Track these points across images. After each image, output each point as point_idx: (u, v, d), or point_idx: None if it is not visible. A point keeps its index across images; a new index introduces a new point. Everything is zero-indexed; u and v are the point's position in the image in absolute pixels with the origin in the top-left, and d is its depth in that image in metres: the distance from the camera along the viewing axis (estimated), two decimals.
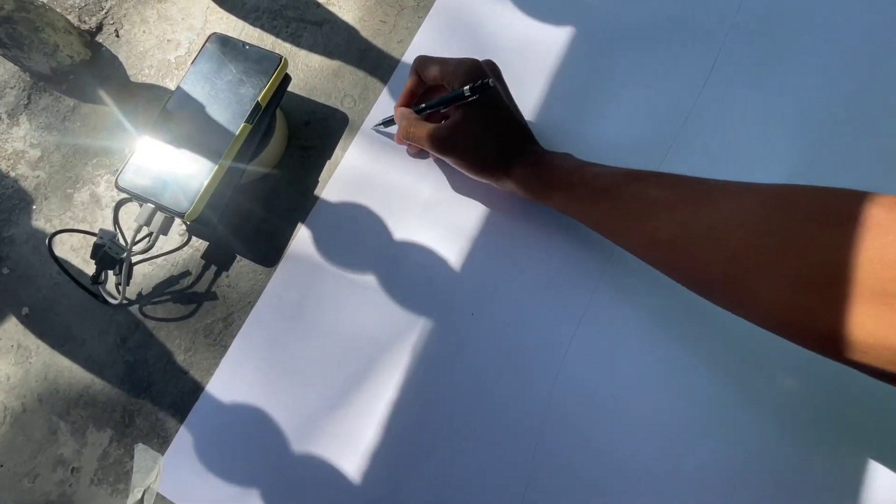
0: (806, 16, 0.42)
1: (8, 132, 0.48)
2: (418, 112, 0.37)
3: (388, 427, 0.37)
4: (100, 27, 0.50)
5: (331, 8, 0.49)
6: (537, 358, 0.37)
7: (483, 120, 0.33)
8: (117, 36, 0.50)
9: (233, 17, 0.50)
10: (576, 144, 0.38)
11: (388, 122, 0.42)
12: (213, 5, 0.50)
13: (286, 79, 0.42)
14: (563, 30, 0.45)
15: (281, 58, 0.41)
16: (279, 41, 0.48)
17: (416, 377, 0.38)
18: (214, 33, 0.42)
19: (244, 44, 0.42)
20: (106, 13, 0.51)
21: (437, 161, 0.42)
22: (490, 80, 0.31)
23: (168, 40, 0.49)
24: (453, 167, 0.37)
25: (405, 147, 0.43)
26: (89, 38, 0.50)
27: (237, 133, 0.39)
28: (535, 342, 0.38)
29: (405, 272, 0.40)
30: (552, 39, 0.45)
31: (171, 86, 0.48)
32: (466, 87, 0.31)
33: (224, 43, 0.42)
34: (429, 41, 0.47)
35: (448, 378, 0.38)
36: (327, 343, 0.40)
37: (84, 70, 0.49)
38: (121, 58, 0.49)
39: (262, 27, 0.49)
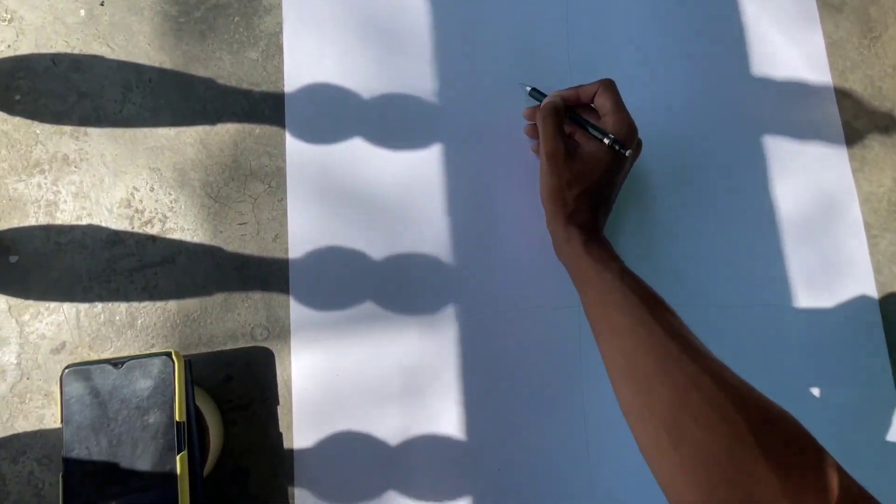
0: None
1: None
2: (569, 116, 0.39)
3: None
4: None
5: (171, 236, 0.40)
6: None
7: (601, 167, 0.36)
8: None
9: (63, 304, 0.39)
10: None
11: (538, 94, 0.41)
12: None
13: (188, 366, 0.35)
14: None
15: (169, 354, 0.34)
16: (133, 304, 0.39)
17: None
18: (65, 368, 0.33)
19: (114, 362, 0.33)
20: None
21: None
22: (627, 153, 0.36)
23: None
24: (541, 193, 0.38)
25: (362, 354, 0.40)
26: None
27: (178, 470, 0.32)
28: None
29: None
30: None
31: None
32: (612, 137, 0.36)
33: (86, 376, 0.33)
34: (305, 220, 0.42)
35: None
36: None
37: None
38: None
39: (99, 297, 0.39)
